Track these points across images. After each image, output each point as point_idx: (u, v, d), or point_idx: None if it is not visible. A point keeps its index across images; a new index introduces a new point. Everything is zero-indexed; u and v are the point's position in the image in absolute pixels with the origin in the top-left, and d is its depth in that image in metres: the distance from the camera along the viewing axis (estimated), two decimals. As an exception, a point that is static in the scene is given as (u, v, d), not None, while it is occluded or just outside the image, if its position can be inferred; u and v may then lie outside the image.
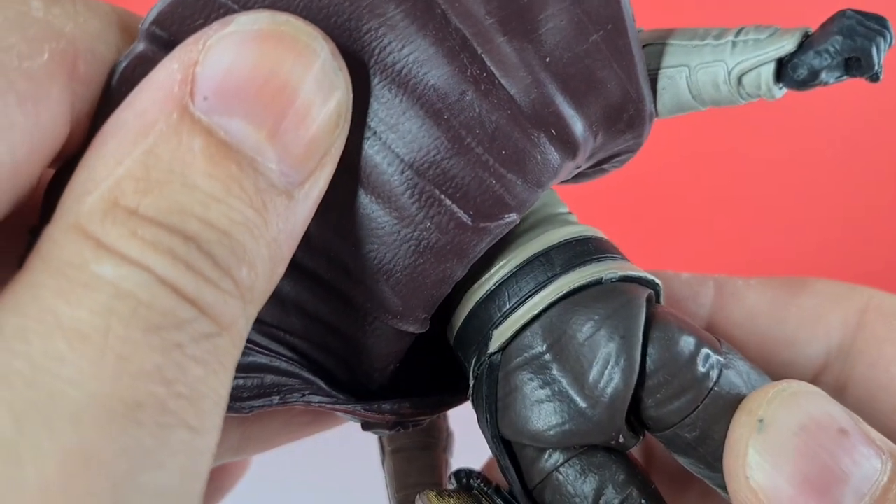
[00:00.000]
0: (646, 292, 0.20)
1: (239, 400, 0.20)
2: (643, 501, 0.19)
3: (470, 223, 0.19)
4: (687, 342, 0.19)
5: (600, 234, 0.21)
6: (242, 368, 0.20)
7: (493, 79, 0.18)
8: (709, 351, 0.19)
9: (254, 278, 0.16)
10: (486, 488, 0.20)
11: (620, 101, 0.20)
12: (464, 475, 0.21)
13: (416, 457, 0.25)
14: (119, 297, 0.14)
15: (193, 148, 0.15)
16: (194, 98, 0.15)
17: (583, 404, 0.19)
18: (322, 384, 0.21)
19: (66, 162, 0.17)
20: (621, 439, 0.19)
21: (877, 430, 0.19)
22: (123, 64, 0.17)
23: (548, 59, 0.19)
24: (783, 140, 0.70)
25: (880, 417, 0.23)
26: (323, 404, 0.21)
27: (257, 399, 0.20)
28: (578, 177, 0.22)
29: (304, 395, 0.21)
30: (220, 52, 0.16)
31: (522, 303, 0.20)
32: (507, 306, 0.20)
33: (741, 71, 0.19)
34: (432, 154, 0.18)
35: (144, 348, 0.14)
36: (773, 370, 0.25)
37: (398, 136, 0.18)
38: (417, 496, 0.20)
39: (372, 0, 0.18)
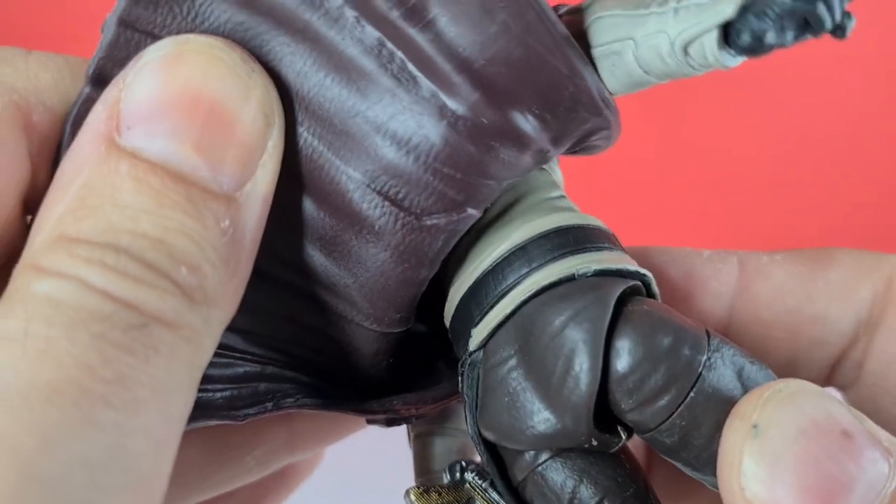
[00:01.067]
0: (621, 286, 0.19)
1: (234, 409, 0.21)
2: None
3: (416, 223, 0.18)
4: (662, 340, 0.18)
5: (590, 220, 0.20)
6: (235, 379, 0.21)
7: (415, 76, 0.18)
8: (688, 350, 0.18)
9: (201, 278, 0.17)
10: (480, 482, 0.20)
11: (552, 79, 0.19)
12: (458, 468, 0.21)
13: (437, 443, 0.25)
14: (45, 303, 0.15)
15: (121, 172, 0.16)
16: (120, 131, 0.17)
17: (546, 412, 0.18)
18: (317, 385, 0.22)
19: None
20: (594, 442, 0.18)
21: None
22: (74, 110, 0.19)
23: (461, 48, 0.18)
24: (794, 114, 0.68)
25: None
26: (317, 407, 0.22)
27: (252, 407, 0.21)
28: (572, 152, 0.22)
29: (297, 400, 0.22)
30: (137, 84, 0.17)
31: (498, 301, 0.19)
32: (485, 304, 0.19)
33: (684, 41, 0.18)
34: (369, 159, 0.18)
35: (64, 342, 0.15)
36: (803, 349, 0.24)
37: (333, 143, 0.18)
38: (405, 493, 0.20)
39: (288, 14, 0.18)
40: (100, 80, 0.18)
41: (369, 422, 0.23)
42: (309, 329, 0.21)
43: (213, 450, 0.27)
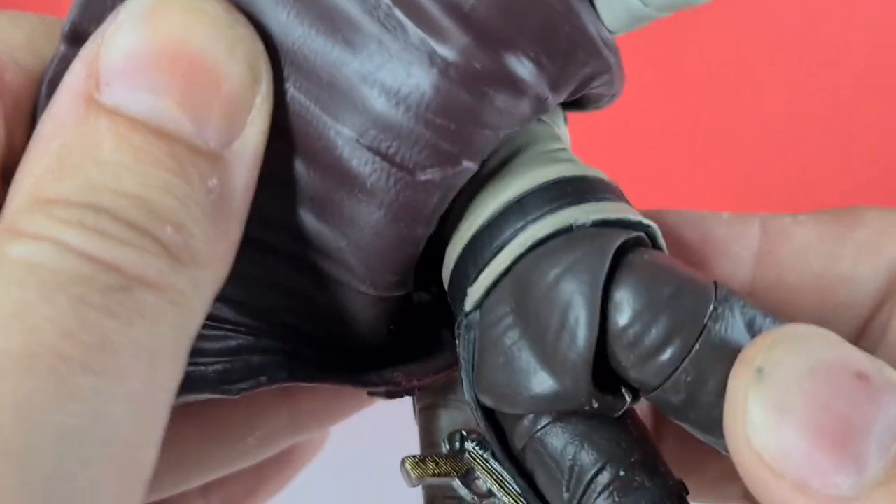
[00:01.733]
0: (622, 237, 0.18)
1: (227, 382, 0.20)
2: (621, 473, 0.17)
3: (410, 178, 0.18)
4: (663, 289, 0.17)
5: (592, 171, 0.19)
6: (228, 352, 0.21)
7: (403, 22, 0.17)
8: (692, 299, 0.17)
9: (188, 237, 0.16)
10: (481, 452, 0.19)
11: (546, 20, 0.18)
12: (458, 438, 0.20)
13: (442, 416, 0.24)
14: (20, 267, 0.15)
15: (101, 129, 0.16)
16: (100, 88, 0.16)
17: (543, 372, 0.17)
18: (313, 356, 0.21)
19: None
20: (596, 405, 0.17)
21: None
22: (50, 70, 0.18)
23: None
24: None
25: None
26: (313, 379, 0.21)
27: (245, 381, 0.21)
28: (572, 105, 0.21)
29: (292, 373, 0.21)
30: (116, 40, 0.16)
31: (494, 256, 0.18)
32: (481, 261, 0.18)
33: None
34: (357, 112, 0.17)
35: (41, 305, 0.14)
36: (830, 313, 0.22)
37: (320, 97, 0.17)
38: (400, 463, 0.19)
39: None
40: (75, 37, 0.18)
41: (370, 394, 0.22)
42: (302, 296, 0.20)
43: (212, 430, 0.26)
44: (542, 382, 0.17)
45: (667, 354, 0.17)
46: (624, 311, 0.17)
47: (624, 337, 0.17)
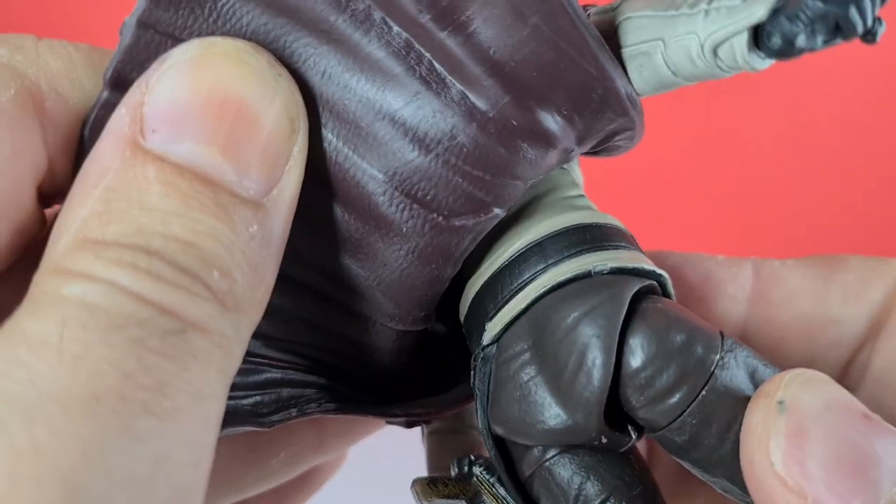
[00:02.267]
0: (637, 285, 0.19)
1: (259, 416, 0.21)
2: None
3: (445, 224, 0.19)
4: (675, 338, 0.18)
5: (608, 219, 0.21)
6: (258, 386, 0.22)
7: (444, 78, 0.18)
8: (701, 348, 0.18)
9: (231, 283, 0.16)
10: (488, 476, 0.20)
11: (582, 81, 0.19)
12: (466, 462, 0.21)
13: (451, 440, 0.25)
14: (80, 307, 0.15)
15: (148, 176, 0.16)
16: (144, 134, 0.17)
17: (557, 407, 0.18)
18: (338, 388, 0.22)
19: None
20: (604, 440, 0.18)
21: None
22: (92, 115, 0.18)
23: (492, 51, 0.18)
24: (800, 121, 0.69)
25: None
26: (339, 411, 0.22)
27: (276, 413, 0.21)
28: (594, 153, 0.22)
29: (320, 405, 0.22)
30: (161, 87, 0.17)
31: (513, 295, 0.19)
32: (500, 298, 0.20)
33: (714, 43, 0.18)
34: (396, 161, 0.18)
35: (101, 347, 0.15)
36: (818, 351, 0.24)
37: (358, 145, 0.18)
38: (411, 484, 0.20)
39: (313, 16, 0.18)
40: (119, 83, 0.18)
41: (388, 422, 0.23)
42: (329, 332, 0.21)
43: (239, 452, 0.27)
44: (555, 417, 0.18)
45: (675, 398, 0.18)
46: (637, 356, 0.18)
47: (636, 379, 0.18)
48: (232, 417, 0.21)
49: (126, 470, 0.14)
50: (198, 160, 0.17)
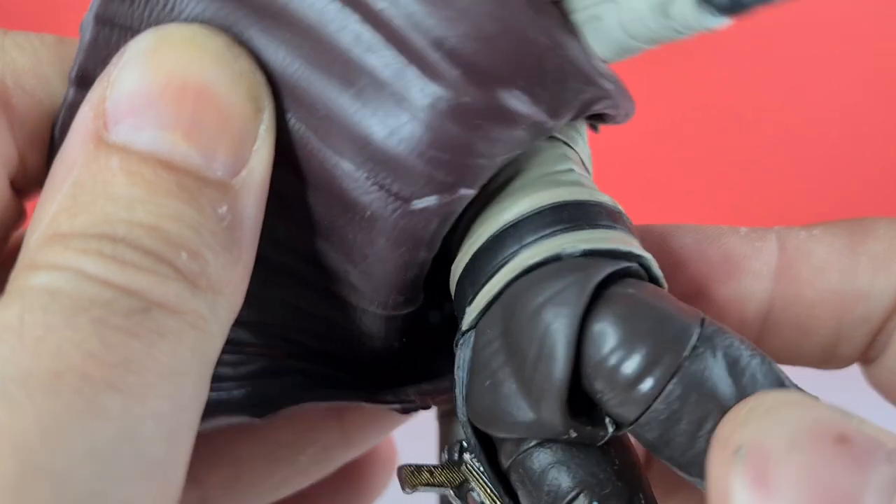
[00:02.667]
0: (609, 268, 0.17)
1: (252, 405, 0.21)
2: (595, 502, 0.17)
3: (407, 207, 0.18)
4: (639, 326, 0.17)
5: (593, 196, 0.19)
6: (249, 375, 0.22)
7: (394, 58, 0.17)
8: (669, 336, 0.16)
9: (203, 264, 0.16)
10: (477, 464, 0.20)
11: (533, 52, 0.18)
12: (458, 448, 0.20)
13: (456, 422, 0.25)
14: (42, 293, 0.15)
15: (112, 167, 0.16)
16: (108, 127, 0.17)
17: (522, 400, 0.17)
18: (330, 374, 0.22)
19: None
20: (573, 434, 0.17)
21: None
22: (61, 114, 0.19)
23: (433, 25, 0.17)
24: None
25: None
26: (332, 398, 0.22)
27: (269, 402, 0.21)
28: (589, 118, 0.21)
29: (313, 392, 0.22)
30: (121, 80, 0.17)
31: (489, 279, 0.19)
32: (477, 283, 0.19)
33: (662, 2, 0.17)
34: (354, 144, 0.18)
35: (63, 329, 0.15)
36: (846, 327, 0.22)
37: (319, 129, 0.18)
38: (396, 471, 0.20)
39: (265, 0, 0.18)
40: (83, 81, 0.18)
41: (385, 408, 0.23)
42: (316, 316, 0.21)
43: (263, 450, 0.27)
44: (521, 409, 0.17)
45: (640, 391, 0.16)
46: (598, 345, 0.17)
47: (599, 370, 0.17)
48: (223, 408, 0.21)
49: (88, 445, 0.14)
50: (161, 147, 0.17)
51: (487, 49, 0.17)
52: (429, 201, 0.18)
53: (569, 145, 0.21)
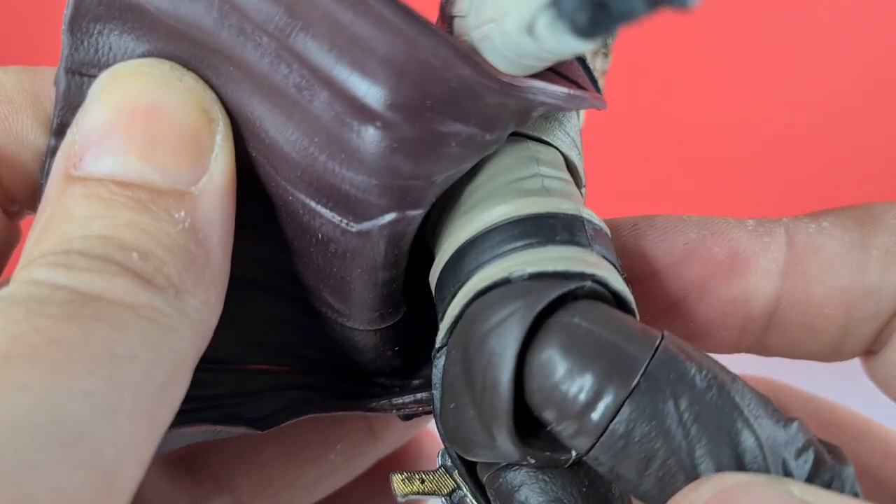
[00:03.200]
0: (557, 291, 0.17)
1: (257, 419, 0.22)
2: None
3: (352, 230, 0.18)
4: (579, 360, 0.16)
5: (553, 206, 0.18)
6: (255, 391, 0.22)
7: (311, 85, 0.17)
8: (611, 373, 0.16)
9: (159, 263, 0.17)
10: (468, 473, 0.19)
11: (427, 74, 0.16)
12: (452, 455, 0.19)
13: None
14: None
15: (75, 194, 0.17)
16: (76, 165, 0.18)
17: (479, 426, 0.17)
18: (333, 386, 0.22)
19: None
20: (531, 460, 0.17)
21: None
22: (46, 162, 0.20)
23: (336, 52, 0.17)
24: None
25: None
26: (334, 409, 0.22)
27: (273, 416, 0.22)
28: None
29: (315, 404, 0.22)
30: (83, 121, 0.18)
31: (452, 298, 0.18)
32: (445, 300, 0.19)
33: (526, 22, 0.15)
34: (297, 171, 0.18)
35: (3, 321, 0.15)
36: (853, 326, 0.22)
37: (269, 156, 0.18)
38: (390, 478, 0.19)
39: (202, 36, 0.18)
40: (62, 130, 0.19)
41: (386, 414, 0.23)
42: (311, 333, 0.21)
43: (292, 451, 0.28)
44: (480, 436, 0.17)
45: (590, 422, 0.16)
46: (544, 375, 0.16)
47: (548, 400, 0.16)
48: (227, 420, 0.22)
49: (10, 419, 0.14)
50: (118, 170, 0.18)
51: (401, 81, 0.17)
52: (370, 224, 0.18)
53: (543, 141, 0.20)
